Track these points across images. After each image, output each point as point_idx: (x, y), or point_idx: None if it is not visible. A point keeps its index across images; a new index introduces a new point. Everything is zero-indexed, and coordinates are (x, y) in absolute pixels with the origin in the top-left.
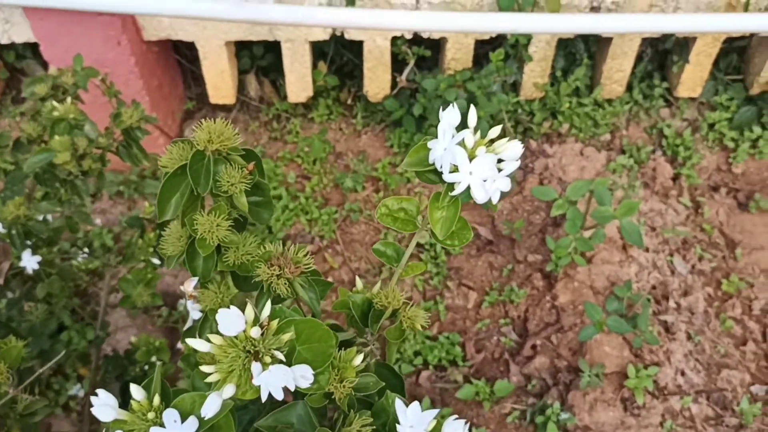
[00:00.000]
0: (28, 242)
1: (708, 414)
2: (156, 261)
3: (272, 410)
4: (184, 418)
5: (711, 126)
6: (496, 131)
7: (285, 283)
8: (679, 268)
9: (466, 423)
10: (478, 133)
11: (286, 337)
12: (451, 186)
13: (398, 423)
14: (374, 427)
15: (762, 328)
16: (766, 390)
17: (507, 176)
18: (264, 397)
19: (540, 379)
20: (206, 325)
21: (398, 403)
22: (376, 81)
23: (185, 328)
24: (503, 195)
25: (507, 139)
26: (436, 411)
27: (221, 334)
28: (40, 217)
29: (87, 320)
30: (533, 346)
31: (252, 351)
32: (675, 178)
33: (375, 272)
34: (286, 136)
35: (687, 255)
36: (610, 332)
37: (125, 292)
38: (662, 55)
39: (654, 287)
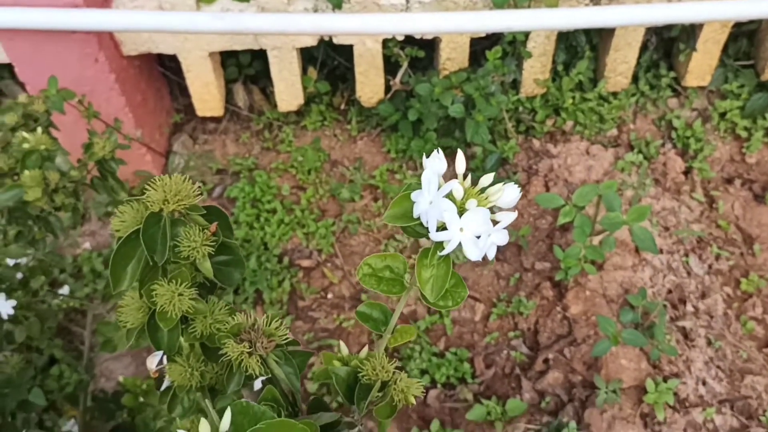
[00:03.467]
0: (2, 286)
1: (733, 425)
2: None
3: None
4: None
5: (722, 115)
6: (488, 179)
7: (257, 361)
8: (695, 268)
9: None
10: (468, 179)
11: None
12: (440, 244)
13: None
14: None
15: None
16: None
17: (504, 228)
18: None
19: (554, 396)
20: (176, 402)
21: None
22: (369, 85)
23: (161, 389)
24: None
25: (502, 183)
26: None
27: None
28: (11, 262)
29: (70, 363)
30: (545, 360)
31: None
32: (687, 172)
33: None
34: (279, 146)
35: (703, 254)
36: (626, 344)
37: (105, 337)
38: (668, 43)
39: (670, 291)
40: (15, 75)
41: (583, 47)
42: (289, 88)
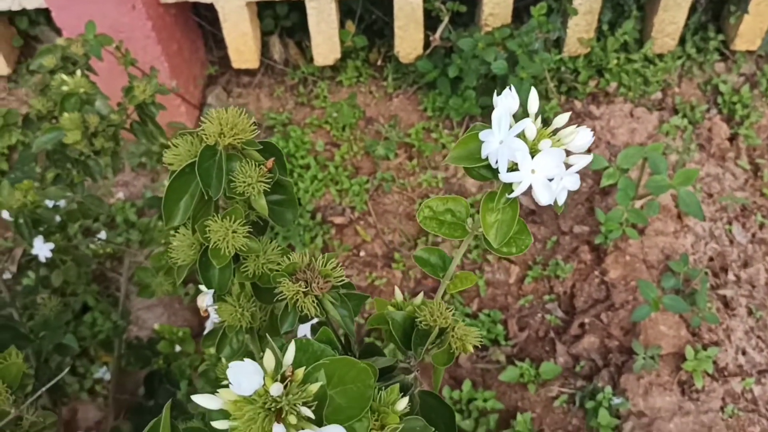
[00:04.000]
0: (40, 229)
1: None
2: None
3: None
4: None
5: None
6: (563, 119)
7: (313, 301)
8: (738, 237)
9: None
10: (539, 119)
11: (315, 387)
12: (508, 186)
13: None
14: None
15: None
16: None
17: (576, 173)
18: None
19: (589, 360)
20: (225, 342)
21: None
22: (408, 40)
23: (205, 333)
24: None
25: (575, 126)
26: None
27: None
28: (50, 204)
29: (104, 311)
30: (581, 325)
31: (273, 408)
32: (732, 138)
33: (410, 245)
34: (314, 101)
35: (746, 223)
36: (665, 311)
37: (143, 283)
38: (718, 5)
39: (711, 259)
40: (51, 21)
41: (630, 6)
42: (326, 42)
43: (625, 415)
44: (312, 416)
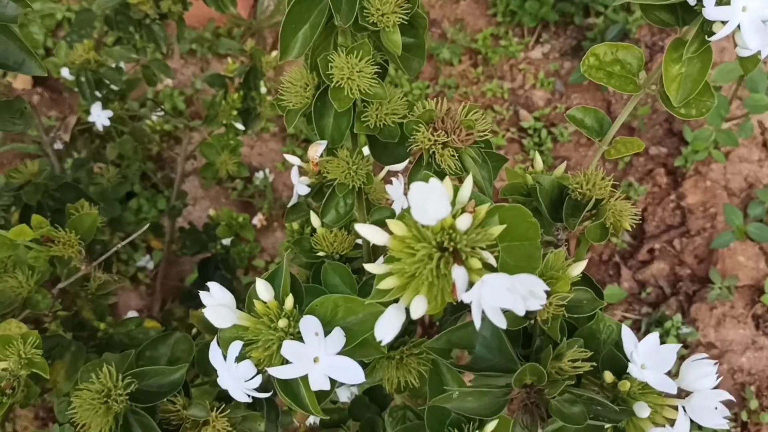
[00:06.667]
0: (98, 94)
1: None
2: (240, 126)
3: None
4: (326, 329)
5: None
6: None
7: (452, 155)
8: None
9: (714, 364)
10: None
11: (497, 230)
12: (704, 27)
13: (627, 360)
14: (592, 363)
15: None
16: None
17: None
18: (477, 323)
19: (657, 288)
20: (332, 203)
21: (626, 334)
22: None
23: (290, 205)
24: None
25: None
26: (677, 346)
27: (406, 221)
28: (113, 65)
29: (160, 188)
30: (650, 250)
31: (450, 249)
32: None
33: None
34: None
35: None
36: (745, 241)
37: (208, 159)
38: None
39: None
40: None
41: None
42: None
43: (693, 346)
44: (494, 263)
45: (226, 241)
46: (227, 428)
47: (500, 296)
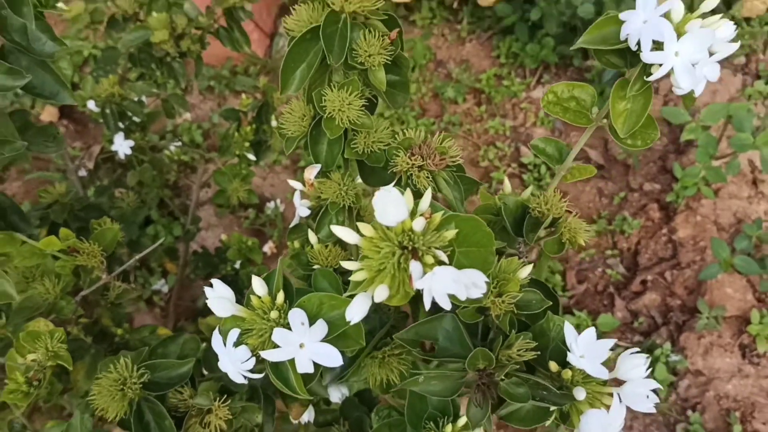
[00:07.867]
0: (121, 125)
1: None
2: (251, 157)
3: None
4: (311, 321)
5: None
6: (711, 3)
7: (427, 177)
8: None
9: (647, 357)
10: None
11: (450, 234)
12: (645, 69)
13: (568, 351)
14: (538, 352)
15: None
16: None
17: (717, 62)
18: (427, 305)
19: (648, 317)
20: (325, 220)
21: (568, 328)
22: None
23: (291, 225)
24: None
25: (719, 16)
26: (612, 341)
27: (374, 225)
28: (135, 99)
29: (176, 214)
30: (643, 282)
31: (409, 248)
32: None
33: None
34: None
35: None
36: (733, 273)
37: (220, 186)
38: None
39: None
40: None
41: None
42: None
43: (682, 373)
44: (446, 260)
45: (237, 264)
46: (228, 416)
47: (447, 285)
